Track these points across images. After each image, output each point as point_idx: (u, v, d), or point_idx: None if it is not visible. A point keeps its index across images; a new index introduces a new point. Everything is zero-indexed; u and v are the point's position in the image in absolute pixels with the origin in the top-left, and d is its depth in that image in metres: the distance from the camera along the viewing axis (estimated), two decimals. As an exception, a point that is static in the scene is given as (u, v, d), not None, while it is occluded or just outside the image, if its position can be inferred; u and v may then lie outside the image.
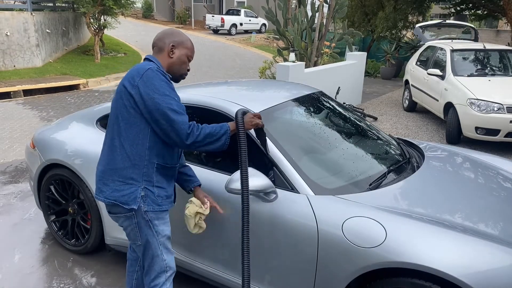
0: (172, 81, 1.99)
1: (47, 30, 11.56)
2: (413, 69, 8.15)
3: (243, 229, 1.92)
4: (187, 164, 2.35)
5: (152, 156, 1.89)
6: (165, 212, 2.02)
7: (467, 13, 13.92)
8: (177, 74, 2.03)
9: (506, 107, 5.44)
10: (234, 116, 2.39)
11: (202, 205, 2.19)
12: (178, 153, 2.06)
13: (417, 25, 9.95)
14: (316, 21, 7.71)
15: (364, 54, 8.82)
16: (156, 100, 1.80)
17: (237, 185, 2.06)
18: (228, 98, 2.59)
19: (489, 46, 7.19)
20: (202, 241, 2.45)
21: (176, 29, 2.06)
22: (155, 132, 1.88)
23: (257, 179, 2.07)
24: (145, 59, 1.99)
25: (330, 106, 3.04)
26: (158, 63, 1.96)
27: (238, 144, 1.92)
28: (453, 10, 13.24)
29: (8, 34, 10.09)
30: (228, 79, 5.60)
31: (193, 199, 2.23)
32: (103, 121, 3.04)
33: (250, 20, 25.90)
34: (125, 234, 2.05)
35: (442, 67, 6.84)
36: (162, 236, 2.00)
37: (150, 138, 1.87)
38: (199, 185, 2.27)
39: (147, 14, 31.40)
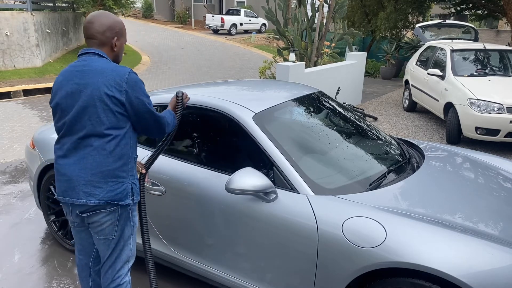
0: None
1: (47, 30, 11.56)
2: (413, 69, 8.15)
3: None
4: None
5: (133, 152, 2.00)
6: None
7: (467, 13, 13.92)
8: (117, 63, 2.06)
9: (506, 107, 5.44)
10: (233, 116, 2.43)
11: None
12: None
13: (417, 25, 9.94)
14: (316, 21, 7.71)
15: (364, 54, 8.82)
16: (145, 103, 1.93)
17: (237, 185, 2.06)
18: (228, 98, 2.59)
19: (489, 46, 7.18)
20: (202, 241, 2.45)
21: (111, 14, 2.00)
22: (133, 129, 1.99)
23: (257, 179, 2.08)
24: (92, 53, 1.93)
25: (330, 106, 3.04)
26: (108, 58, 1.97)
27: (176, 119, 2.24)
28: (453, 10, 13.25)
29: (8, 34, 10.10)
30: (228, 79, 5.58)
31: None
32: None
33: (250, 20, 25.89)
34: (96, 231, 1.98)
35: (442, 67, 6.84)
36: (135, 225, 2.07)
37: (132, 136, 1.98)
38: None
39: (147, 14, 31.41)
